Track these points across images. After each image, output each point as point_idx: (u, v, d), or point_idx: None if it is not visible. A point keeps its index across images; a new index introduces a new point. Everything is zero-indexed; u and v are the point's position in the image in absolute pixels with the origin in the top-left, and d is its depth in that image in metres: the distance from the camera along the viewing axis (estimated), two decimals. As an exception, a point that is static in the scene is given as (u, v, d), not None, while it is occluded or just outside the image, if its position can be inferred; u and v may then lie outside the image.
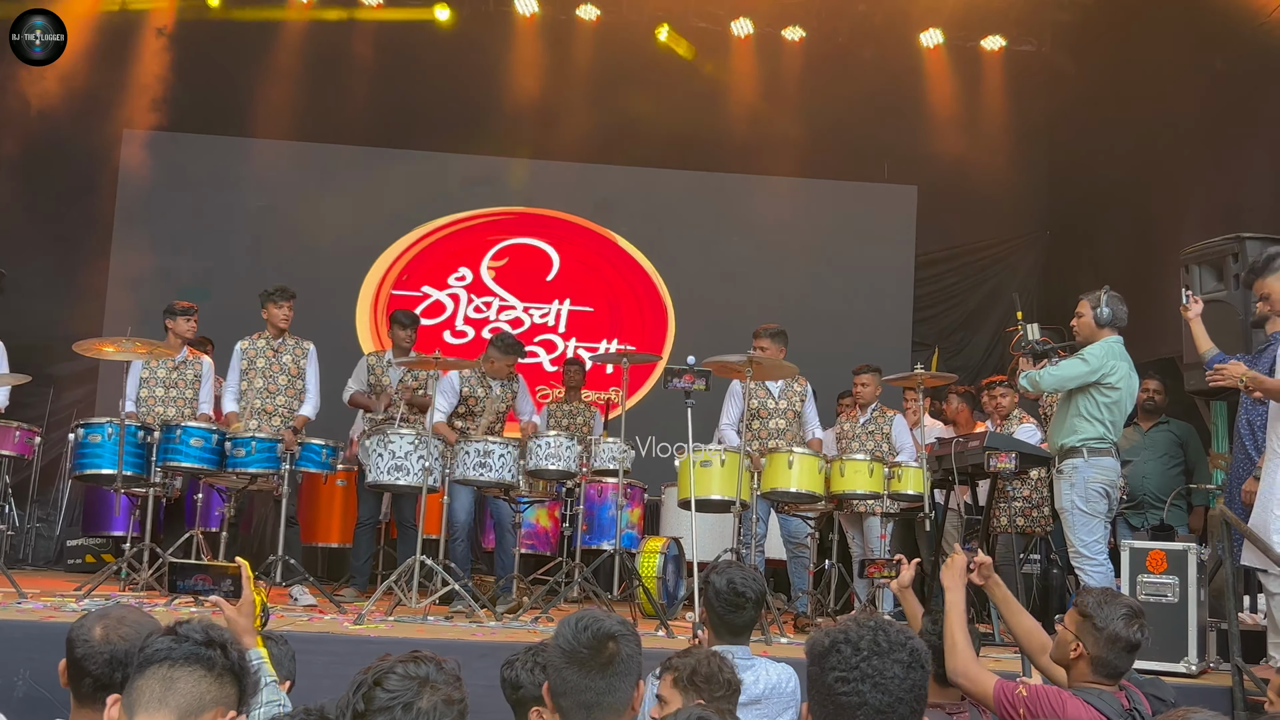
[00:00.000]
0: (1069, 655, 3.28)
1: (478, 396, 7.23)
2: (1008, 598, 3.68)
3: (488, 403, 7.26)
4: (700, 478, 6.40)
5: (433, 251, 11.08)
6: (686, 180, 11.32)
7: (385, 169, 11.06)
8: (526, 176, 11.24)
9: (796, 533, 7.18)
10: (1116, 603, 3.27)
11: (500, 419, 7.37)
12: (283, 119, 10.80)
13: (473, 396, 7.23)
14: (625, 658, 2.50)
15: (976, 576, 3.61)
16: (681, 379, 6.04)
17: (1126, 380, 5.82)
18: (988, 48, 11.05)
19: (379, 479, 6.37)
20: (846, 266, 11.23)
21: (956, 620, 3.33)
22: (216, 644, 2.03)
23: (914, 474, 6.67)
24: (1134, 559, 5.52)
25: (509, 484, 6.51)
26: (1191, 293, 6.08)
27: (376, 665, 2.06)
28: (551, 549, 8.05)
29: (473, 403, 7.21)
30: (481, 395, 7.23)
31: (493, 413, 7.29)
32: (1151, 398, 7.52)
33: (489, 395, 7.25)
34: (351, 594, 7.25)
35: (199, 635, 2.03)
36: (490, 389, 7.28)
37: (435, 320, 10.87)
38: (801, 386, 7.28)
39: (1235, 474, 5.76)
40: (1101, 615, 3.23)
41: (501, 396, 7.33)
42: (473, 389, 7.24)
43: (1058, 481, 5.89)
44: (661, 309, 11.16)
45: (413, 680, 2.01)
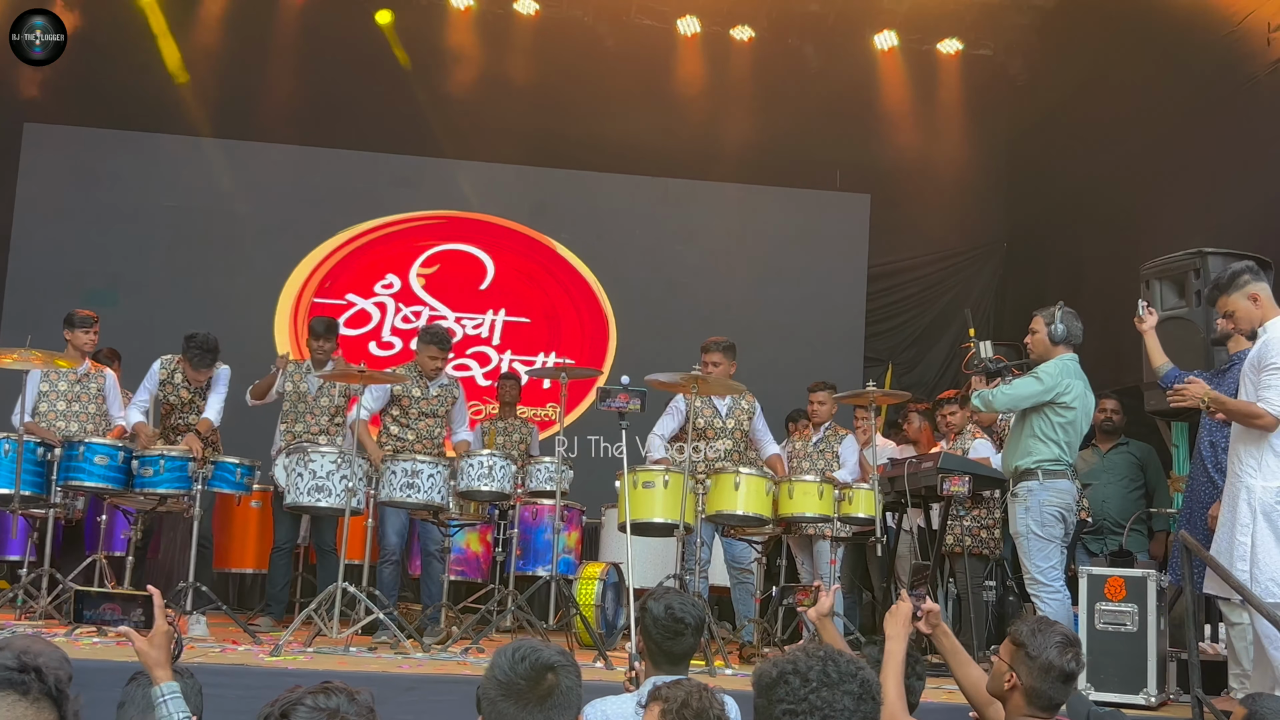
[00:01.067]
0: (1003, 686, 3.33)
1: (412, 397, 7.16)
2: (955, 648, 3.72)
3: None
4: (642, 500, 6.39)
5: (359, 257, 11.00)
6: (629, 185, 11.35)
7: (309, 168, 10.97)
8: (460, 179, 11.21)
9: (741, 558, 7.20)
10: (1050, 631, 3.32)
11: (439, 424, 7.30)
12: (199, 114, 10.68)
13: (406, 396, 7.16)
14: (565, 690, 2.49)
15: (924, 625, 3.64)
16: (616, 399, 6.04)
17: (1082, 399, 5.91)
18: (944, 51, 11.20)
19: (298, 500, 6.29)
20: (796, 278, 11.32)
21: (893, 672, 3.30)
22: (30, 669, 2.00)
23: (865, 496, 6.72)
24: (1092, 586, 5.61)
25: (438, 506, 6.47)
26: (1148, 305, 6.19)
27: (284, 697, 2.04)
28: (483, 575, 8.01)
29: (406, 403, 7.14)
30: (417, 395, 7.16)
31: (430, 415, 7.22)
32: (1110, 418, 7.65)
33: (425, 396, 7.18)
34: (267, 624, 7.14)
35: (11, 661, 2.00)
36: (426, 389, 7.22)
37: (361, 330, 10.79)
38: (749, 403, 7.31)
39: (1196, 496, 5.85)
40: (1035, 644, 3.28)
41: (441, 398, 7.27)
42: (406, 389, 7.16)
43: (1012, 505, 5.96)
44: (602, 321, 11.17)
45: (322, 713, 1.99)
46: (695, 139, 11.06)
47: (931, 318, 11.82)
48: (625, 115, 10.88)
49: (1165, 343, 6.13)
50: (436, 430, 7.26)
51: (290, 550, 7.54)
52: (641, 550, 7.38)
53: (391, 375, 7.07)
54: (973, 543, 7.33)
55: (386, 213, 11.06)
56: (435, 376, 7.22)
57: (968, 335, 6.78)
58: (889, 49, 11.10)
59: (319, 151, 10.98)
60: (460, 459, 6.60)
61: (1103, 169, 10.01)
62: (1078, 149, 10.41)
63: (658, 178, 11.34)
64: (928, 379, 11.54)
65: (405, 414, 7.16)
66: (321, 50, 10.69)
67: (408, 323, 10.87)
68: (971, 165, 11.38)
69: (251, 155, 10.90)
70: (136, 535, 6.63)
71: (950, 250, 11.88)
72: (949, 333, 11.61)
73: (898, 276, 11.89)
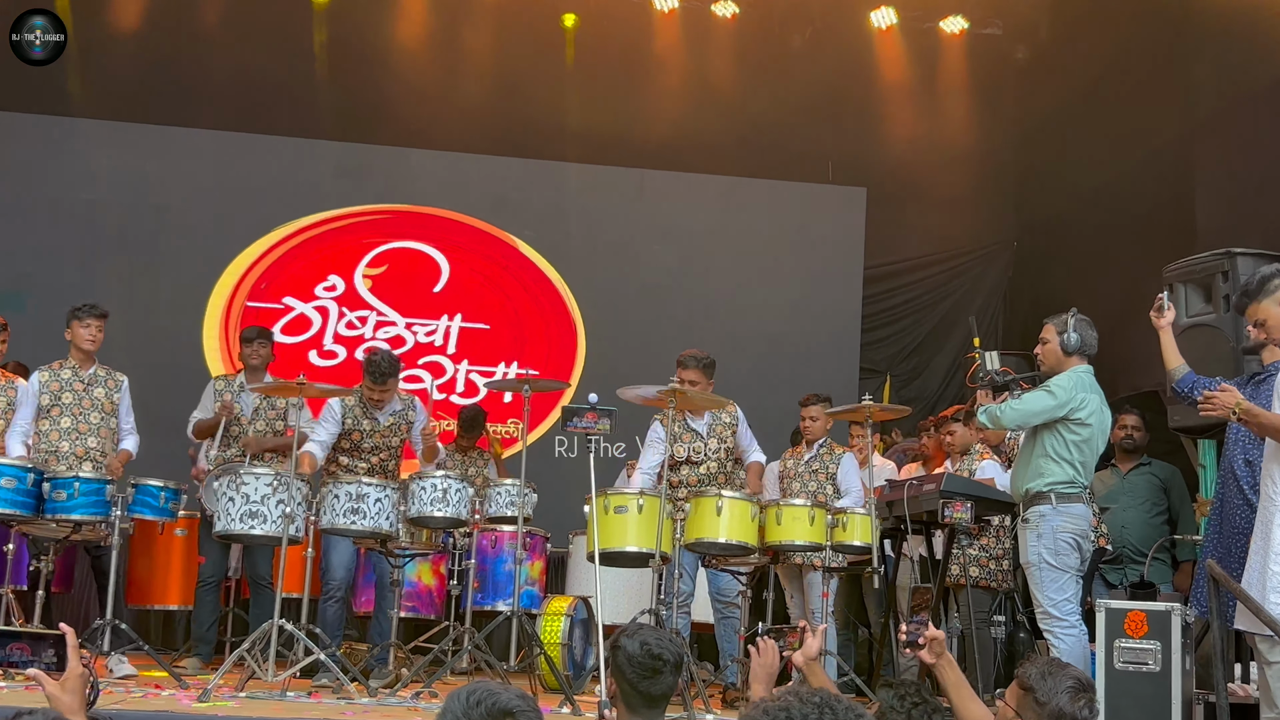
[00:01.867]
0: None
1: (363, 430, 7.13)
2: (960, 682, 3.72)
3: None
4: (613, 526, 6.38)
5: (297, 256, 10.95)
6: (600, 177, 11.36)
7: (242, 157, 10.93)
8: (411, 169, 11.19)
9: (726, 590, 7.20)
10: (1062, 674, 3.33)
11: (394, 456, 7.28)
12: (119, 96, 10.62)
13: (356, 430, 7.14)
14: (525, 738, 2.49)
15: (927, 654, 3.65)
16: (582, 420, 6.03)
17: (1098, 415, 5.95)
18: (948, 30, 11.23)
19: (229, 527, 6.25)
20: (785, 281, 11.35)
21: (965, 700, 3.32)
22: None
23: (861, 522, 6.72)
24: (1111, 621, 5.62)
25: (386, 534, 6.45)
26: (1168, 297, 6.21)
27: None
28: (436, 611, 7.98)
29: (357, 437, 7.12)
30: (368, 429, 7.13)
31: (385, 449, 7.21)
32: (1130, 435, 7.68)
33: (376, 428, 7.15)
34: (194, 665, 7.10)
35: None
36: (376, 421, 7.19)
37: (300, 338, 10.75)
38: (731, 415, 7.32)
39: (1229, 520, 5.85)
40: (1044, 689, 3.29)
41: (394, 428, 7.24)
42: (356, 421, 7.13)
43: (1023, 532, 5.98)
44: (570, 328, 11.17)
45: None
46: (673, 126, 11.07)
47: (933, 325, 11.87)
48: (596, 99, 10.90)
49: (1190, 353, 6.16)
50: (391, 462, 7.25)
51: (218, 584, 7.49)
52: (613, 583, 7.37)
53: (330, 389, 7.03)
54: (979, 574, 7.35)
55: (329, 206, 11.02)
56: (382, 409, 7.21)
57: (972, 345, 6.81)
58: (886, 27, 11.14)
59: (253, 138, 10.94)
60: (410, 481, 6.58)
61: (1124, 162, 10.06)
62: (1096, 139, 10.45)
63: (631, 169, 11.36)
64: (928, 392, 11.59)
65: (356, 447, 7.15)
66: (255, 26, 10.65)
67: (352, 329, 10.83)
68: (978, 156, 11.44)
69: (177, 142, 10.83)
70: (47, 567, 6.55)
71: (954, 250, 11.95)
72: (952, 341, 11.67)
73: (896, 279, 11.94)
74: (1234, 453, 5.82)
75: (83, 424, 7.06)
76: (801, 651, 3.85)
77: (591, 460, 6.01)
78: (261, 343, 7.70)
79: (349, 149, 11.13)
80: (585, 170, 11.33)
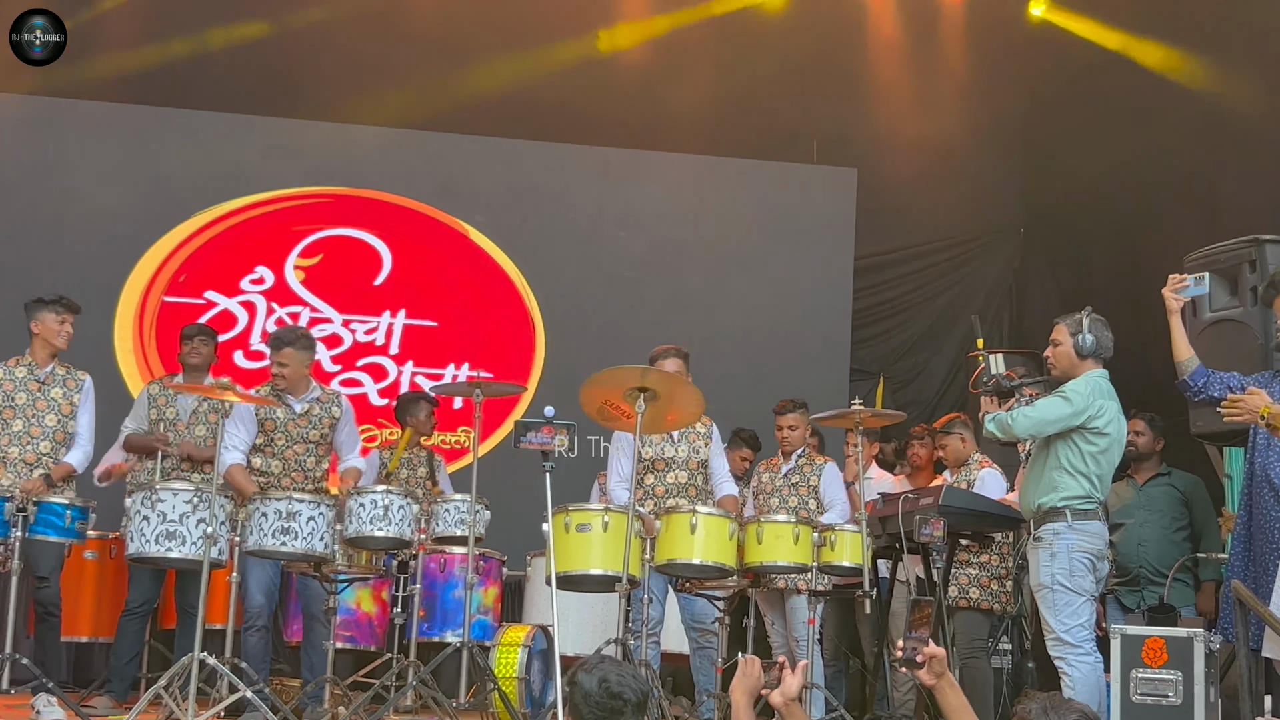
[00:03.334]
0: None
1: (275, 420, 7.12)
2: (962, 706, 3.75)
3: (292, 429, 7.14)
4: (575, 546, 6.39)
5: (221, 245, 10.90)
6: (560, 156, 11.36)
7: (158, 134, 10.86)
8: (348, 147, 11.15)
9: (701, 617, 7.22)
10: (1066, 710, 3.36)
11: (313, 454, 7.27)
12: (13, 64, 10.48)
13: (269, 419, 7.11)
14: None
15: (926, 674, 3.68)
16: (538, 435, 6.04)
17: (1116, 423, 6.00)
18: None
19: (143, 550, 6.23)
20: (766, 271, 11.37)
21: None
22: None
23: (851, 540, 6.74)
24: (1127, 648, 5.67)
25: (321, 556, 6.43)
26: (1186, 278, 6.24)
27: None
28: (377, 642, 7.95)
29: (270, 427, 7.10)
30: (280, 419, 7.11)
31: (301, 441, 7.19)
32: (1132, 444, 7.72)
33: (291, 416, 7.13)
34: (106, 704, 7.06)
35: None
36: (290, 409, 7.18)
37: (223, 338, 10.62)
38: (705, 426, 7.33)
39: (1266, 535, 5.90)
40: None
41: (314, 418, 7.23)
42: (268, 411, 7.11)
43: (1034, 552, 6.03)
44: (527, 324, 11.16)
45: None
46: (641, 99, 11.06)
47: (931, 322, 11.90)
48: (554, 69, 10.88)
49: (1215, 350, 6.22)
50: (309, 460, 7.23)
51: (146, 614, 7.45)
52: (575, 609, 7.37)
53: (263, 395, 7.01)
54: (979, 595, 7.39)
55: (255, 190, 10.97)
56: (296, 388, 7.19)
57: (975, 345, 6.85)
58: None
59: (168, 113, 10.87)
60: (348, 497, 6.56)
61: (1145, 139, 10.08)
62: (1113, 114, 10.48)
63: (595, 147, 11.35)
64: (926, 396, 11.63)
65: (270, 441, 7.13)
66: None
67: (282, 326, 10.75)
68: (980, 133, 11.47)
69: (83, 117, 10.75)
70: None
71: (953, 238, 11.99)
72: (952, 339, 11.71)
73: (890, 270, 11.97)
74: (1269, 460, 5.86)
75: (35, 427, 7.05)
76: (780, 690, 3.86)
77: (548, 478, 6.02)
78: (202, 340, 7.74)
79: (277, 125, 11.07)
80: (543, 148, 11.32)
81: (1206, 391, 6.11)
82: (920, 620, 7.32)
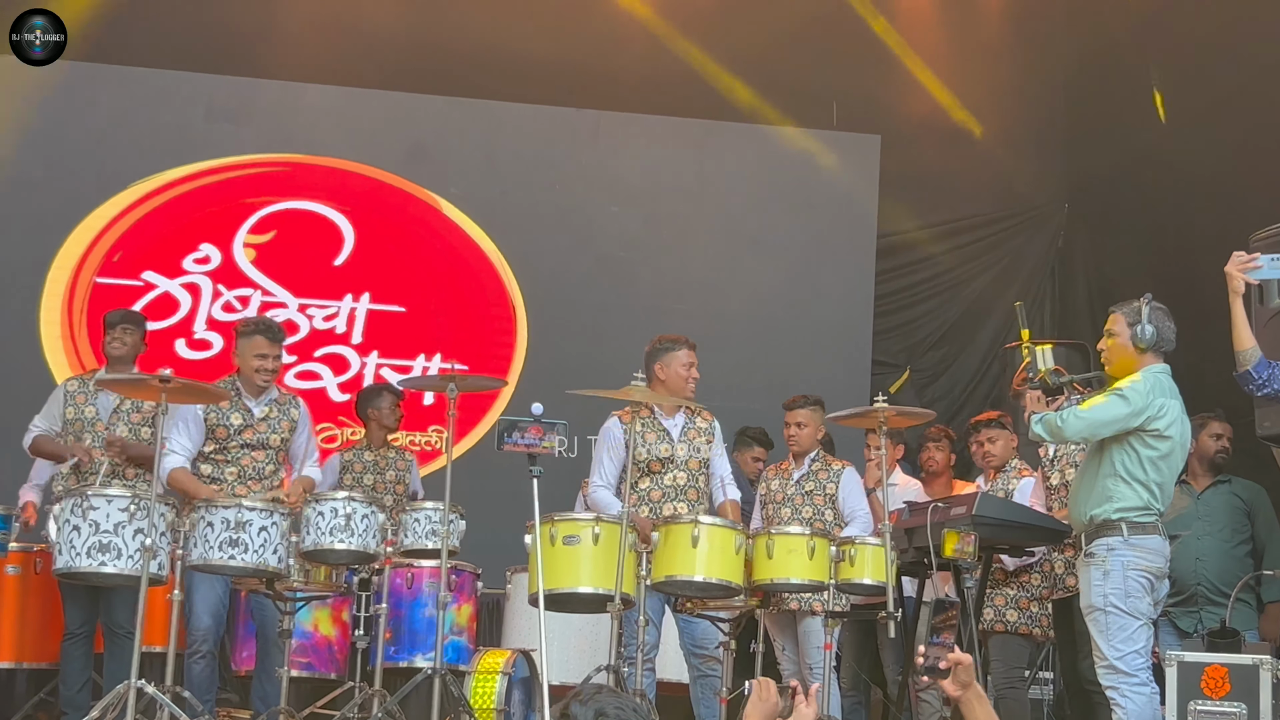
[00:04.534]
0: None
1: (230, 426, 7.12)
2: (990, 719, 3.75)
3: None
4: (562, 561, 6.38)
5: (160, 220, 10.89)
6: (543, 120, 11.35)
7: (88, 94, 10.84)
8: (305, 109, 11.14)
9: (703, 641, 7.21)
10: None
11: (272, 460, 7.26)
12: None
13: (222, 426, 7.12)
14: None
15: (950, 684, 3.68)
16: (524, 435, 6.01)
17: (1179, 426, 5.99)
18: (983, -61, 11.30)
19: (73, 564, 6.21)
20: (777, 250, 11.38)
21: None
22: None
23: (874, 555, 6.73)
24: (1184, 677, 5.68)
25: (274, 572, 6.42)
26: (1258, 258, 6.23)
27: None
28: (338, 669, 7.94)
29: (223, 434, 7.10)
30: (238, 423, 7.12)
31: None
32: (1224, 449, 7.72)
33: (249, 422, 7.14)
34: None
35: None
36: (249, 412, 7.17)
37: (164, 324, 10.68)
38: (707, 423, 7.33)
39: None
40: None
41: (272, 422, 7.22)
42: (222, 415, 7.13)
43: (1085, 569, 6.03)
44: (507, 310, 11.15)
45: None
46: (638, 56, 11.06)
47: (964, 308, 11.92)
48: (536, 21, 10.87)
49: (1279, 346, 6.21)
50: (267, 467, 7.23)
51: (91, 634, 7.44)
52: (562, 632, 7.36)
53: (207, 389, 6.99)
54: (1017, 618, 7.39)
55: (200, 157, 10.97)
56: (266, 387, 7.20)
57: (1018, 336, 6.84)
58: (906, -66, 11.20)
59: (102, 69, 10.86)
60: (305, 505, 6.56)
61: (1204, 103, 10.08)
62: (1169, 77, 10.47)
63: (583, 109, 11.36)
64: (955, 392, 11.64)
65: (223, 448, 7.12)
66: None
67: (231, 312, 10.76)
68: (1020, 97, 11.47)
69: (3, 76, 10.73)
70: None
71: (989, 214, 12.00)
72: (987, 329, 11.73)
73: (918, 250, 11.98)
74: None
75: None
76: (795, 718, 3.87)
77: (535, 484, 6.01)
78: (127, 328, 7.69)
79: (225, 84, 11.07)
80: (525, 111, 11.32)
81: (1271, 385, 6.11)
82: (944, 624, 7.34)
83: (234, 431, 7.11)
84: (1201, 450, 7.57)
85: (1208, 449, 7.60)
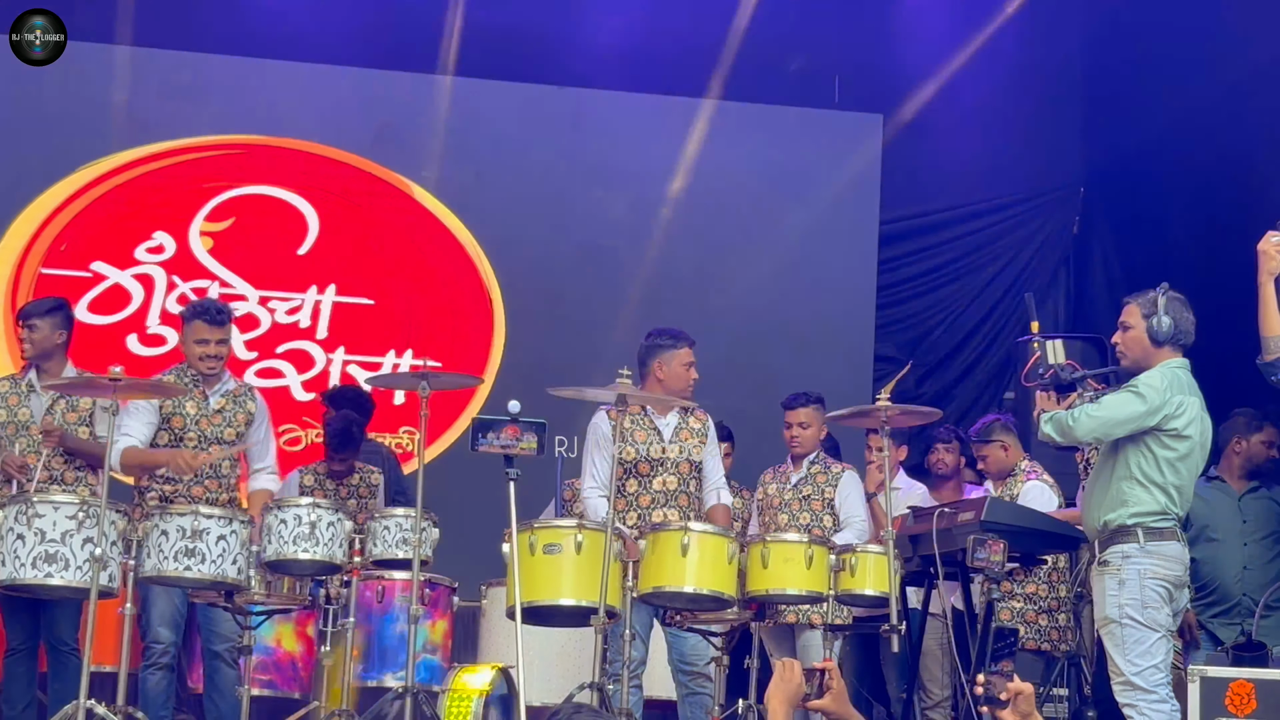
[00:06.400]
0: None
1: (185, 416, 7.12)
2: None
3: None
4: (542, 572, 6.39)
5: (110, 206, 10.88)
6: (524, 98, 11.33)
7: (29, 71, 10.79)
8: (266, 87, 11.12)
9: (694, 657, 7.21)
10: None
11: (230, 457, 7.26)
12: None
13: (178, 415, 7.11)
14: None
15: (1010, 714, 3.70)
16: (499, 435, 6.00)
17: (1199, 424, 6.00)
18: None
19: (17, 575, 6.21)
20: (773, 238, 11.38)
21: None
22: None
23: (876, 564, 6.74)
24: (1208, 694, 5.69)
25: (233, 583, 6.42)
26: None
27: None
28: (302, 688, 7.95)
29: (179, 424, 7.09)
30: (193, 413, 7.11)
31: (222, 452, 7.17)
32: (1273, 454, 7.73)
33: (204, 412, 7.13)
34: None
35: None
36: (204, 402, 7.17)
37: (114, 317, 10.67)
38: (701, 423, 7.33)
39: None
40: None
41: (228, 414, 7.22)
42: (177, 404, 7.11)
43: (1099, 579, 6.04)
44: (484, 303, 11.15)
45: None
46: (622, 30, 11.05)
47: (971, 299, 11.92)
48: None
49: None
50: (224, 464, 7.23)
51: (33, 651, 7.41)
52: (543, 647, 7.37)
53: (162, 384, 6.99)
54: (1026, 633, 7.40)
55: (154, 139, 10.95)
56: (212, 375, 7.19)
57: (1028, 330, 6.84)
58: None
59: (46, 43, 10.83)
60: (266, 512, 6.55)
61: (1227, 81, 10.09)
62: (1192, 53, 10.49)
63: (566, 88, 11.34)
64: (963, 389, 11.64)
65: (178, 441, 7.11)
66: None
67: (186, 304, 10.73)
68: (1032, 74, 11.48)
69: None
70: None
71: (999, 199, 12.00)
72: (995, 320, 11.72)
73: (922, 238, 11.99)
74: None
75: None
76: (831, 696, 3.93)
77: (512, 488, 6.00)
78: (33, 324, 7.57)
79: (180, 60, 11.04)
80: (502, 89, 11.31)
81: None
82: (1003, 650, 7.34)
83: (190, 421, 7.09)
84: (1251, 455, 7.60)
85: (1258, 455, 7.62)
